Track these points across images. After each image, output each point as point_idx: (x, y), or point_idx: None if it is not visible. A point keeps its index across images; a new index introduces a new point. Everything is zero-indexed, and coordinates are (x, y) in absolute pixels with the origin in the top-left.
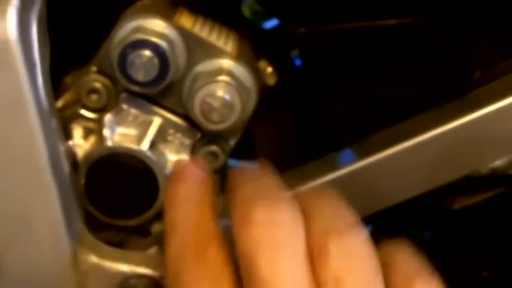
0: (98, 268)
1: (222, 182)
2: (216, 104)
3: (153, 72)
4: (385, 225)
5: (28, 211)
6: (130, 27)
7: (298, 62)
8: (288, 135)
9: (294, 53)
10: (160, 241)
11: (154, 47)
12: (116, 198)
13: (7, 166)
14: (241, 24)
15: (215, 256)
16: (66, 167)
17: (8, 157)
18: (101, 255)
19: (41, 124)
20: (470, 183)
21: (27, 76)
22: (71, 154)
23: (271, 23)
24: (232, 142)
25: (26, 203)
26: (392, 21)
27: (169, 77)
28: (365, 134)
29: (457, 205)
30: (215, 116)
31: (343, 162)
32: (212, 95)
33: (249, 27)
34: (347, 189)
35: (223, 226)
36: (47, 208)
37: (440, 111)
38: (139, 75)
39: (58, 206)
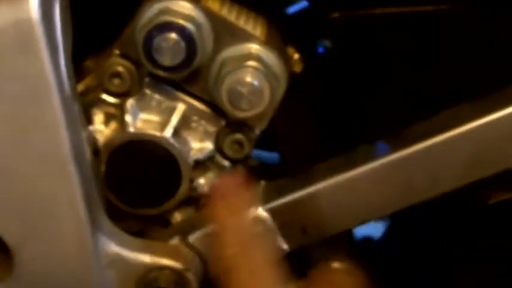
0: (118, 258)
1: (246, 172)
2: (244, 90)
3: (179, 57)
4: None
5: (50, 199)
6: (156, 8)
7: (321, 50)
8: (313, 126)
9: (321, 40)
10: (182, 231)
11: (181, 30)
12: (137, 186)
13: (28, 154)
14: (267, 9)
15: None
16: (88, 154)
17: (29, 144)
18: (122, 245)
19: (63, 109)
20: (507, 178)
21: (49, 58)
22: (92, 140)
23: (299, 6)
24: (258, 131)
25: (48, 191)
26: (430, 8)
27: (196, 62)
28: (401, 125)
29: (493, 200)
30: (243, 103)
31: (378, 153)
32: (241, 81)
33: (275, 11)
34: (382, 182)
35: None
36: (68, 196)
37: (479, 104)
38: (166, 60)
39: (80, 194)
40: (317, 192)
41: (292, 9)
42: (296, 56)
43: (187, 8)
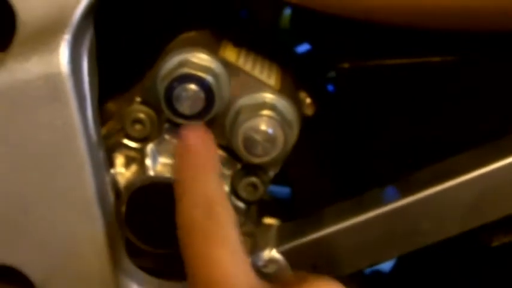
0: None
1: (258, 212)
2: (259, 137)
3: (198, 106)
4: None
5: (74, 239)
6: (176, 60)
7: (333, 94)
8: (324, 170)
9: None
10: None
11: (200, 81)
12: (155, 226)
13: (56, 197)
14: (281, 55)
15: (222, 214)
16: (111, 197)
17: (56, 188)
18: (143, 285)
19: (89, 156)
20: (510, 221)
21: (77, 109)
22: (114, 183)
23: (305, 47)
24: (271, 173)
25: (73, 232)
26: (437, 59)
27: (214, 111)
28: (406, 171)
29: (496, 242)
30: (258, 150)
31: (385, 199)
32: (255, 129)
33: (288, 56)
34: (390, 226)
35: None
36: (92, 237)
37: (482, 151)
38: (185, 109)
39: (103, 235)
40: (328, 236)
41: (300, 49)
42: (308, 100)
43: (206, 59)
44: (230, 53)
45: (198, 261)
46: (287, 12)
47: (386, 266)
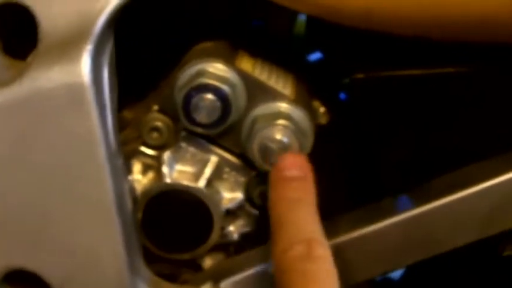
0: None
1: None
2: (274, 146)
3: (215, 115)
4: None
5: (93, 245)
6: (194, 70)
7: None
8: (338, 178)
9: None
10: (213, 277)
11: (217, 91)
12: (171, 233)
13: (75, 203)
14: (296, 64)
15: (321, 255)
16: (129, 205)
17: (76, 194)
18: None
19: (109, 164)
20: None
21: (98, 116)
22: (131, 189)
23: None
24: None
25: (92, 240)
26: (450, 70)
27: (230, 120)
28: (419, 180)
29: (507, 251)
30: (273, 158)
31: (400, 208)
32: (271, 138)
33: (302, 66)
34: (404, 235)
35: None
36: (110, 243)
37: (497, 161)
38: (202, 118)
39: (121, 241)
40: (341, 244)
41: (312, 57)
42: (322, 109)
43: (222, 70)
44: (246, 63)
45: None
46: (301, 20)
47: (396, 273)
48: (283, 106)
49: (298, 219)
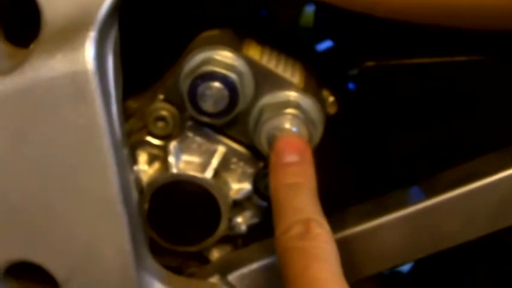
0: None
1: None
2: None
3: (222, 104)
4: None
5: (98, 238)
6: (200, 58)
7: (355, 92)
8: (346, 169)
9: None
10: (221, 269)
11: (224, 79)
12: (177, 224)
13: (80, 195)
14: (304, 53)
15: (320, 234)
16: (134, 196)
17: (81, 186)
18: (165, 283)
19: (114, 154)
20: None
21: (102, 106)
22: (137, 180)
23: (327, 45)
24: None
25: (96, 231)
26: (462, 58)
27: (238, 109)
28: (429, 172)
29: None
30: None
31: (409, 201)
32: (279, 127)
33: (310, 54)
34: (412, 228)
35: None
36: (116, 236)
37: (509, 152)
38: (209, 107)
39: (126, 234)
40: (350, 237)
41: (321, 47)
42: (331, 98)
43: (230, 57)
44: (254, 51)
45: (298, 283)
46: (310, 10)
47: (405, 266)
48: (292, 95)
49: (297, 203)
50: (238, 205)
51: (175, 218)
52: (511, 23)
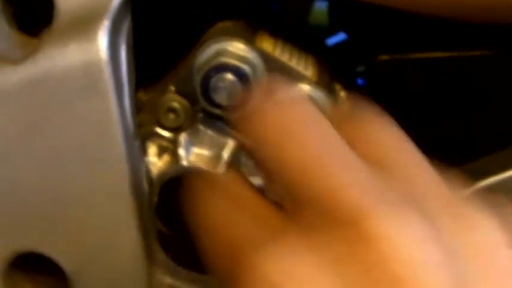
0: None
1: None
2: None
3: (235, 96)
4: None
5: (108, 232)
6: (213, 50)
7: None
8: None
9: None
10: None
11: (237, 71)
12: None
13: (91, 187)
14: (316, 47)
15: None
16: (145, 188)
17: (92, 178)
18: (177, 277)
19: (126, 145)
20: None
21: (115, 98)
22: (147, 172)
23: (338, 38)
24: None
25: (106, 224)
26: (478, 52)
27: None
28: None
29: None
30: None
31: None
32: None
33: (322, 48)
34: None
35: None
36: (126, 229)
37: None
38: (222, 99)
39: (137, 227)
40: None
41: (331, 41)
42: (342, 93)
43: (243, 49)
44: (267, 44)
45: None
46: (323, 5)
47: None
48: (305, 88)
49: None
50: None
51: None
52: None
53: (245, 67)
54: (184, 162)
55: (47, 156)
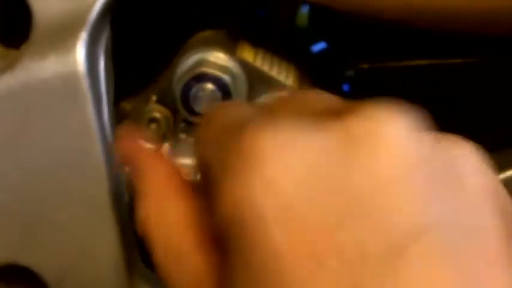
0: None
1: None
2: None
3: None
4: None
5: (88, 242)
6: (193, 60)
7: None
8: None
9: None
10: None
11: (217, 81)
12: None
13: (70, 198)
14: (298, 55)
15: None
16: (125, 198)
17: (71, 189)
18: (157, 287)
19: (105, 157)
20: None
21: (94, 109)
22: (128, 182)
23: (321, 46)
24: None
25: (87, 234)
26: (458, 60)
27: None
28: None
29: None
30: None
31: None
32: None
33: (304, 56)
34: None
35: None
36: (106, 239)
37: (502, 157)
38: (202, 108)
39: (117, 238)
40: None
41: (315, 48)
42: None
43: (223, 59)
44: (247, 53)
45: None
46: (304, 10)
47: None
48: None
49: None
50: None
51: None
52: (505, 26)
53: (225, 77)
54: None
55: (26, 166)
